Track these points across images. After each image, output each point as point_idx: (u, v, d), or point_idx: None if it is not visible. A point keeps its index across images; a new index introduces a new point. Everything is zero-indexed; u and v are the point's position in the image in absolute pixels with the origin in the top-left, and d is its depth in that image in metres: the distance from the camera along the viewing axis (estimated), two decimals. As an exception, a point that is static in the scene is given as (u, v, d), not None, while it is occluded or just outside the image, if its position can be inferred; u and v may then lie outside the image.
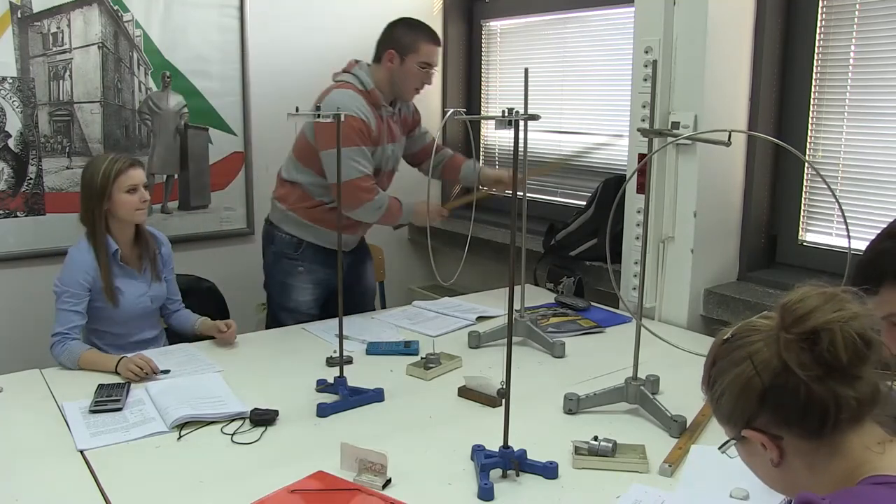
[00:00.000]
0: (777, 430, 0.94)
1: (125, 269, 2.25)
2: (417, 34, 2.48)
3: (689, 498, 1.45)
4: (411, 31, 2.49)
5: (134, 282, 2.26)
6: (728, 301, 2.41)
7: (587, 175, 3.26)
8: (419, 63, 2.47)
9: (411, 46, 2.46)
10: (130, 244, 2.27)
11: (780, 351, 0.92)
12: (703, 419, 1.74)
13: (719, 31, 2.33)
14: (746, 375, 0.94)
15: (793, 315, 0.92)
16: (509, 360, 1.51)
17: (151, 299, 2.30)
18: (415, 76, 2.49)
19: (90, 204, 2.18)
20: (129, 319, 2.26)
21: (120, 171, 2.17)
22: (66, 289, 2.13)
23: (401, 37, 2.48)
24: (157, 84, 3.05)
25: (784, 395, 0.91)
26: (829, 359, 0.89)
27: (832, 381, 0.90)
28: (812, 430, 0.92)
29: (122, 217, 2.20)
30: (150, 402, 1.84)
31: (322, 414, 1.79)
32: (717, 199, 2.47)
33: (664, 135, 2.01)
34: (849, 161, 2.33)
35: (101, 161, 2.20)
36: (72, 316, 2.12)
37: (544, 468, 1.52)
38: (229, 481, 1.50)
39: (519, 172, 1.58)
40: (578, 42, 3.26)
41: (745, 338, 0.96)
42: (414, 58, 2.46)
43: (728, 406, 0.97)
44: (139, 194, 2.20)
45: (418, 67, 2.47)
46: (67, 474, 1.53)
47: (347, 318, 2.34)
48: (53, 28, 2.82)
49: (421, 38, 2.47)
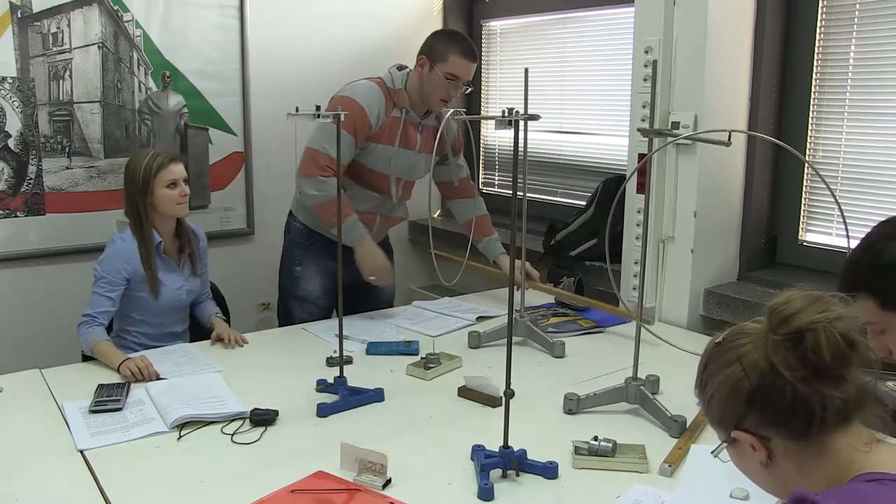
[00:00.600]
0: (765, 431, 0.95)
1: (166, 261, 2.31)
2: (450, 45, 2.45)
3: (689, 498, 1.45)
4: (446, 40, 2.48)
5: (173, 275, 2.33)
6: (728, 301, 2.41)
7: (587, 175, 3.26)
8: (446, 73, 2.43)
9: (442, 56, 2.43)
10: (172, 237, 2.34)
11: (767, 352, 0.94)
12: (703, 419, 1.74)
13: (719, 31, 2.33)
14: (735, 377, 0.95)
15: (779, 316, 0.94)
16: (509, 360, 1.51)
17: (187, 293, 2.37)
18: (440, 86, 2.45)
19: (134, 198, 2.24)
20: (165, 311, 2.33)
21: (161, 167, 2.24)
22: (105, 275, 2.20)
23: (435, 44, 2.47)
24: (157, 84, 3.05)
25: (771, 395, 0.93)
26: (814, 359, 0.91)
27: (818, 382, 0.91)
28: (799, 430, 0.93)
29: (163, 211, 2.26)
30: (150, 402, 1.84)
31: (322, 414, 1.80)
32: (717, 199, 2.47)
33: (664, 135, 2.01)
34: (849, 161, 2.33)
35: (142, 157, 2.27)
36: (103, 301, 2.18)
37: (544, 468, 1.52)
38: (229, 481, 1.50)
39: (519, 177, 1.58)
40: (578, 42, 3.26)
41: (735, 341, 0.98)
42: (442, 67, 2.43)
43: (718, 408, 0.99)
44: (179, 189, 2.26)
45: (444, 78, 2.43)
46: (67, 474, 1.53)
47: (347, 318, 2.35)
48: (53, 28, 2.82)
49: (452, 49, 2.44)
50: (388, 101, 2.46)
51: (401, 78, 2.49)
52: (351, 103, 2.35)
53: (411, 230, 3.81)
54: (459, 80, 2.46)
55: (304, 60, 3.36)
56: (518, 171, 1.48)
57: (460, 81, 2.47)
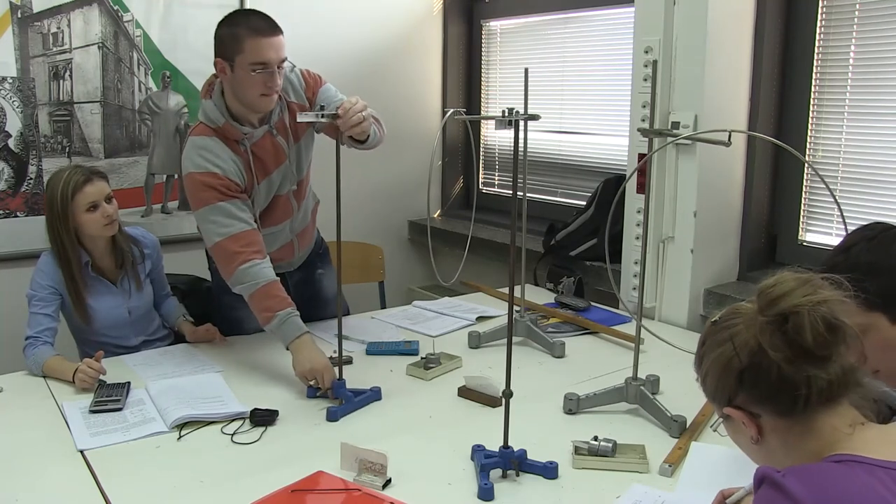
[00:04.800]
0: (755, 409, 1.00)
1: (100, 280, 2.18)
2: (238, 29, 1.93)
3: (689, 498, 1.44)
4: (231, 26, 1.95)
5: (109, 296, 2.19)
6: (728, 301, 2.40)
7: (587, 175, 3.26)
8: (249, 65, 1.92)
9: (235, 47, 1.92)
10: (107, 253, 2.19)
11: (756, 333, 0.97)
12: (703, 419, 1.74)
13: (719, 31, 2.33)
14: (727, 356, 1.00)
15: (767, 298, 0.98)
16: (509, 360, 1.51)
17: (129, 310, 2.22)
18: (251, 84, 1.94)
19: (54, 226, 2.08)
20: (106, 330, 2.20)
21: (76, 190, 2.05)
22: (35, 293, 2.10)
23: (223, 36, 1.96)
24: (157, 84, 3.05)
25: (759, 374, 0.97)
26: (798, 340, 0.94)
27: (803, 363, 0.95)
28: (785, 408, 0.97)
29: (91, 234, 2.12)
30: (150, 402, 1.84)
31: (332, 418, 1.77)
32: (717, 199, 2.47)
33: (664, 135, 2.01)
34: (848, 161, 2.33)
35: (57, 179, 2.08)
36: (42, 319, 2.08)
37: (544, 468, 1.52)
38: (229, 481, 1.50)
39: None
40: (578, 42, 3.26)
41: (729, 320, 1.02)
42: (241, 60, 1.92)
43: (712, 384, 1.03)
44: (101, 210, 2.09)
45: (250, 70, 1.92)
46: (67, 474, 1.53)
47: (347, 318, 2.34)
48: (53, 28, 2.82)
49: (242, 32, 1.91)
50: (227, 142, 2.03)
51: (215, 107, 2.02)
52: (208, 177, 1.98)
53: (411, 230, 3.81)
54: (268, 65, 1.93)
55: (304, 61, 3.32)
56: (518, 171, 1.48)
57: (272, 66, 1.93)
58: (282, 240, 2.28)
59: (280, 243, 2.28)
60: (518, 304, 2.30)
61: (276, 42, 1.94)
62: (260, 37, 1.92)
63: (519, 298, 2.34)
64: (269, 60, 1.93)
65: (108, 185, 2.14)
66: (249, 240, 1.99)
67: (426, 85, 3.78)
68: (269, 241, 2.17)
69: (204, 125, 2.04)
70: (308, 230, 2.39)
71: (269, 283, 1.98)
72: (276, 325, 1.95)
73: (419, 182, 3.53)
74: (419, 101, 3.74)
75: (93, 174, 2.12)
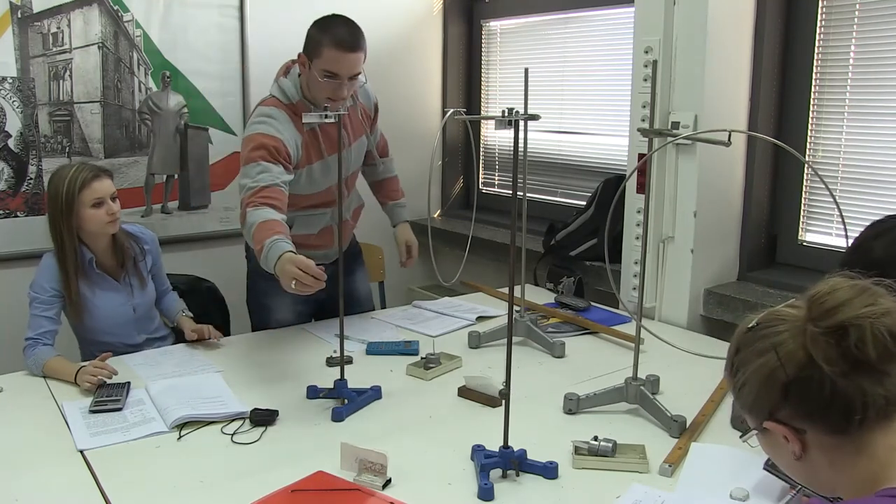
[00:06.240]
0: (800, 424, 0.91)
1: (104, 277, 2.19)
2: (323, 35, 2.07)
3: (689, 498, 1.44)
4: (319, 31, 2.10)
5: (112, 292, 2.20)
6: (728, 301, 2.41)
7: (587, 175, 3.26)
8: (322, 71, 2.07)
9: (315, 50, 2.08)
10: (108, 251, 2.20)
11: (805, 343, 0.89)
12: (703, 419, 1.74)
13: (719, 31, 2.33)
14: (770, 366, 0.91)
15: (821, 307, 0.90)
16: (509, 360, 1.51)
17: (134, 307, 2.24)
18: (321, 88, 2.10)
19: (56, 221, 2.09)
20: (112, 328, 2.21)
21: (83, 185, 2.07)
22: (37, 295, 2.11)
23: (310, 37, 2.11)
24: (157, 84, 3.05)
25: (809, 388, 0.89)
26: (858, 355, 0.86)
27: (859, 378, 0.87)
28: (836, 426, 0.89)
29: (92, 231, 2.13)
30: (150, 402, 1.84)
31: (337, 418, 1.77)
32: (717, 199, 2.47)
33: (664, 135, 2.01)
34: (848, 161, 2.33)
35: (63, 174, 2.10)
36: (42, 321, 2.08)
37: (544, 468, 1.52)
38: (229, 481, 1.50)
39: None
40: (578, 42, 3.26)
41: (770, 327, 0.94)
42: (317, 63, 2.07)
43: (750, 396, 0.95)
44: (106, 207, 2.10)
45: (322, 75, 2.08)
46: (67, 474, 1.53)
47: (347, 318, 2.34)
48: (53, 28, 2.82)
49: (325, 40, 2.06)
50: (292, 118, 2.15)
51: (293, 85, 2.18)
52: (265, 138, 2.07)
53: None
54: (337, 77, 2.08)
55: (304, 60, 3.36)
56: (518, 171, 1.48)
57: (338, 79, 2.08)
58: (323, 223, 2.37)
59: (320, 226, 2.37)
60: (518, 304, 2.30)
61: (353, 58, 2.08)
62: (338, 50, 2.06)
63: (519, 298, 2.34)
64: (340, 73, 2.08)
65: (113, 184, 2.17)
66: (272, 193, 2.01)
67: (426, 85, 3.78)
68: (312, 221, 2.32)
69: (275, 98, 2.18)
70: (348, 224, 2.50)
71: (268, 220, 1.94)
72: (264, 255, 1.88)
73: (419, 182, 3.52)
74: (419, 101, 3.74)
75: (101, 171, 2.15)
